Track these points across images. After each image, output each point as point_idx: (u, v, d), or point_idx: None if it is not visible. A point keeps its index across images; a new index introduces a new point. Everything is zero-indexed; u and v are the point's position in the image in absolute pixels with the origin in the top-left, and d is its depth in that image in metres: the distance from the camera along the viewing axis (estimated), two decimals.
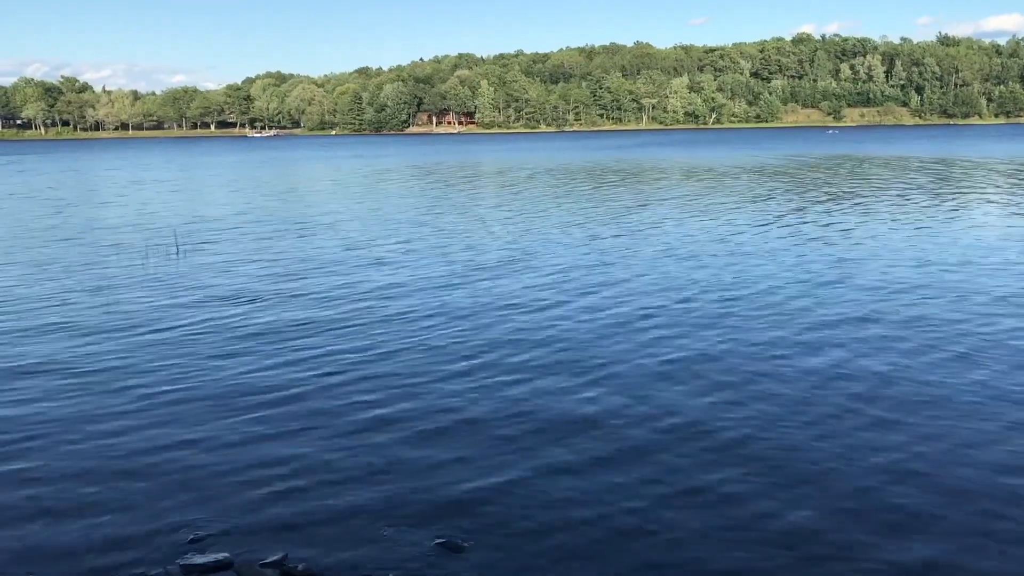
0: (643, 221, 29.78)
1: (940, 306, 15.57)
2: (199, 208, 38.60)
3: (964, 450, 9.04)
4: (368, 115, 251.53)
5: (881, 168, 58.40)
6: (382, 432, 9.82)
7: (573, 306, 16.20)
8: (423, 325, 14.89)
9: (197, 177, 63.90)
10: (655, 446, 9.32)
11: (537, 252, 23.00)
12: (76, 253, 24.48)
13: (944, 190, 39.87)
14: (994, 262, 20.06)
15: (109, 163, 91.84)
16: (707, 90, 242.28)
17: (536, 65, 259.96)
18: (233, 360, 12.86)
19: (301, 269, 21.06)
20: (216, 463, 9.03)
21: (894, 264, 20.04)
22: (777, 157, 76.32)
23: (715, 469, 8.70)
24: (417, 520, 7.70)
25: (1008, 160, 65.16)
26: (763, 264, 20.44)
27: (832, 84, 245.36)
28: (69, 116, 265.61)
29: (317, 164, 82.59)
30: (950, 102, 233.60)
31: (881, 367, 11.94)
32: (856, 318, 14.80)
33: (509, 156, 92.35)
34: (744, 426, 9.83)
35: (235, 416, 10.45)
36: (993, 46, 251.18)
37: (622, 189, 44.69)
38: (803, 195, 38.86)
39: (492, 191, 45.98)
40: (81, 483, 8.61)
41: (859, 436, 9.45)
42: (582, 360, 12.58)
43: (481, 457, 9.09)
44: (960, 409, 10.25)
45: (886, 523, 7.52)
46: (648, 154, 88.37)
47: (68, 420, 10.40)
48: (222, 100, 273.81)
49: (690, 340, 13.57)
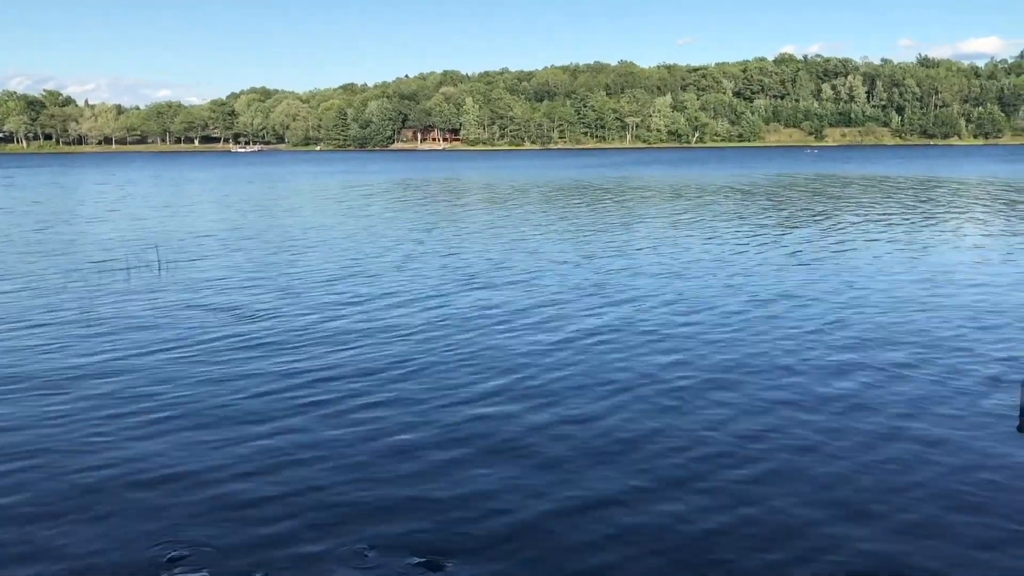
0: (651, 239, 29.88)
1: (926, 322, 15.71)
2: (183, 224, 38.39)
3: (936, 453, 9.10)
4: (353, 131, 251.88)
5: (863, 188, 58.97)
6: (366, 451, 9.76)
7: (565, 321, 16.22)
8: (415, 340, 14.84)
9: (185, 193, 63.63)
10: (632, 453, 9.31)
11: (543, 269, 23.02)
12: (56, 269, 24.27)
13: (922, 212, 40.25)
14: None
15: (94, 178, 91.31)
16: (690, 109, 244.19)
17: (521, 83, 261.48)
18: (209, 376, 12.76)
19: (286, 285, 20.96)
20: (193, 480, 8.94)
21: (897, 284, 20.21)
22: (766, 176, 76.88)
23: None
24: (399, 540, 7.64)
25: (981, 181, 65.97)
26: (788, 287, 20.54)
27: (814, 104, 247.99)
28: (52, 130, 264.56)
29: (305, 180, 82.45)
30: (930, 123, 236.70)
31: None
32: (873, 339, 14.90)
33: (500, 173, 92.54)
34: (776, 451, 9.84)
35: (212, 432, 10.35)
36: (972, 68, 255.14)
37: (632, 206, 44.87)
38: (791, 214, 39.16)
39: (483, 207, 46.03)
40: (54, 502, 8.49)
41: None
42: (531, 382, 12.57)
43: (466, 475, 9.04)
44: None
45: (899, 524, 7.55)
46: (644, 172, 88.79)
47: (39, 436, 10.27)
48: (206, 115, 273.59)
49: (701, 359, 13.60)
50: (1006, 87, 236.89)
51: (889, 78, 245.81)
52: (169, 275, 22.63)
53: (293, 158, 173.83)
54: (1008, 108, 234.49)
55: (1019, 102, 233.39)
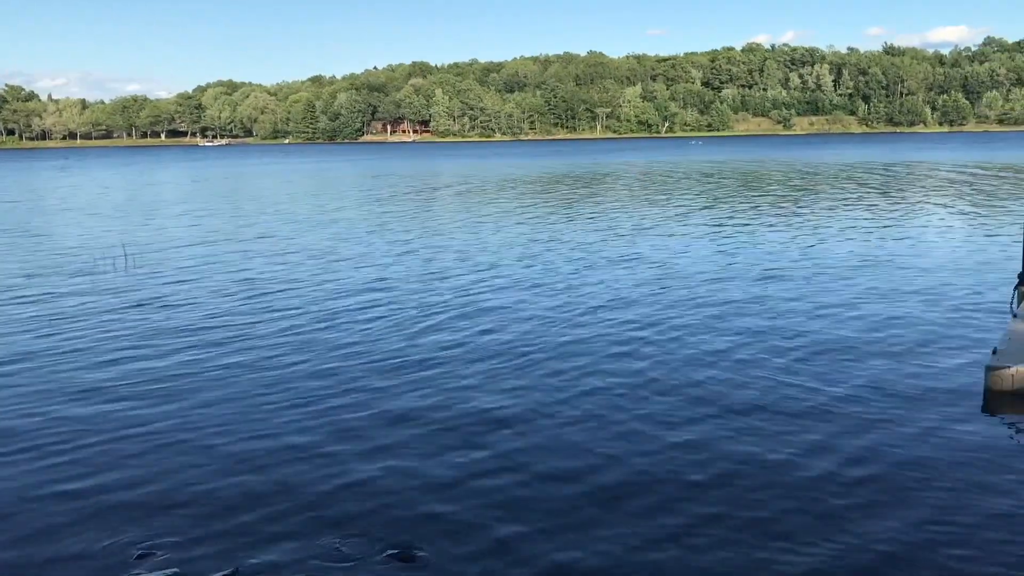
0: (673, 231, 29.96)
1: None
2: (150, 222, 37.96)
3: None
4: (322, 124, 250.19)
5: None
6: (339, 444, 9.71)
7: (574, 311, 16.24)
8: (407, 335, 14.79)
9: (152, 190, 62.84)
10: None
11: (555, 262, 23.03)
12: (18, 266, 23.91)
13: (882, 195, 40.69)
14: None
15: (51, 175, 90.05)
16: (660, 99, 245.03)
17: (491, 74, 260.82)
18: (178, 372, 12.65)
19: (255, 283, 20.80)
20: (163, 476, 8.85)
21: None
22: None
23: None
24: (372, 532, 7.62)
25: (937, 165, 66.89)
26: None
27: (782, 93, 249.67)
28: (15, 125, 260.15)
29: (273, 172, 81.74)
30: (896, 111, 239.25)
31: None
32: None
33: (479, 163, 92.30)
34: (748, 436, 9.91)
35: (182, 428, 10.26)
36: (936, 56, 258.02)
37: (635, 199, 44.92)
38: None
39: (457, 200, 45.93)
40: (23, 502, 8.37)
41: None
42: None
43: (439, 466, 9.03)
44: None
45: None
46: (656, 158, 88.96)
47: (6, 435, 10.13)
48: (173, 109, 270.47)
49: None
50: (970, 75, 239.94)
51: (855, 67, 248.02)
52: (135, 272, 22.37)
53: (262, 151, 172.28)
54: (972, 96, 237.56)
55: (983, 89, 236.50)
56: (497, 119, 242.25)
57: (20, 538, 7.65)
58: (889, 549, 7.17)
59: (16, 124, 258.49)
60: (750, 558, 7.07)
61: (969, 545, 7.23)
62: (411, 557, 7.21)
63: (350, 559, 7.18)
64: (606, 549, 7.28)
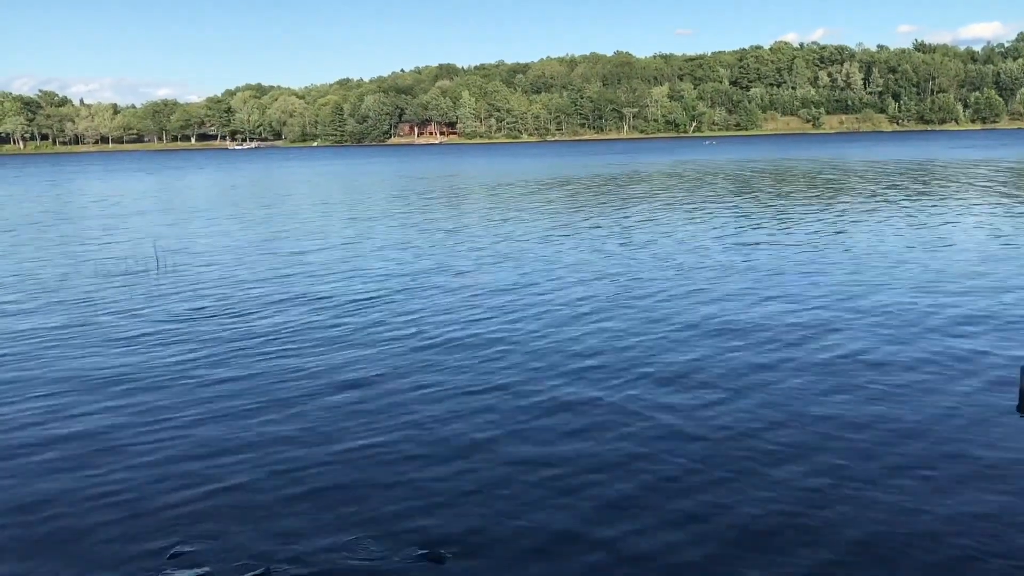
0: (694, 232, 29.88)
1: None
2: (184, 225, 38.39)
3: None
4: (350, 126, 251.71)
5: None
6: (369, 447, 9.75)
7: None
8: (422, 339, 14.84)
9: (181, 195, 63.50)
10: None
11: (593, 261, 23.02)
12: (53, 268, 24.26)
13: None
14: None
15: (95, 178, 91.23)
16: (687, 98, 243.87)
17: (517, 75, 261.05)
18: (209, 375, 12.77)
19: (286, 284, 20.96)
20: (195, 477, 8.94)
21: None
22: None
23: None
24: (402, 533, 7.65)
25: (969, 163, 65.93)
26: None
27: (811, 91, 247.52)
28: (48, 130, 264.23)
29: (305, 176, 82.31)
30: (927, 108, 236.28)
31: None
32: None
33: (511, 166, 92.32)
34: (775, 429, 9.85)
35: (212, 430, 10.35)
36: (968, 53, 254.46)
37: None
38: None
39: (491, 203, 46.01)
40: (54, 504, 8.49)
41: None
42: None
43: (467, 469, 9.05)
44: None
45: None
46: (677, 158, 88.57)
47: (40, 438, 10.28)
48: (203, 112, 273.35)
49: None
50: (1003, 71, 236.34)
51: (885, 64, 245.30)
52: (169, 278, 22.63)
53: (293, 154, 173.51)
54: (1005, 92, 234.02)
55: (1016, 86, 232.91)
56: (524, 120, 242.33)
57: (57, 538, 7.77)
58: (926, 548, 7.10)
59: (50, 129, 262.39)
60: (802, 556, 7.03)
61: (1003, 542, 7.14)
62: (440, 557, 7.23)
63: (379, 558, 7.21)
64: (646, 551, 7.26)
